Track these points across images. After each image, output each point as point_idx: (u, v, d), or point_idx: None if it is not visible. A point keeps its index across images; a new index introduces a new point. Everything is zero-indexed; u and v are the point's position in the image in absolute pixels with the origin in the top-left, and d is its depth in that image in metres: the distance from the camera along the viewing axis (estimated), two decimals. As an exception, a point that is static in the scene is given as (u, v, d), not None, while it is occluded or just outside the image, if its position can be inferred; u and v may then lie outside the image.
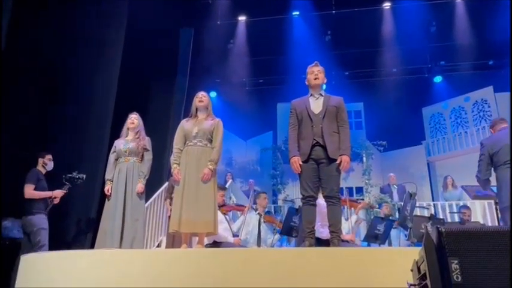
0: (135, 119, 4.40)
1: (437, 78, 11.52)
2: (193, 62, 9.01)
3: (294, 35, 10.60)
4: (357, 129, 11.33)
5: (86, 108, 5.81)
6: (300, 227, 4.33)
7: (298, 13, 10.57)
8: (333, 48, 10.52)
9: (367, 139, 10.86)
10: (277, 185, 10.62)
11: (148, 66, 7.91)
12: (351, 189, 10.43)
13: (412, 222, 4.53)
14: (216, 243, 4.44)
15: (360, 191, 10.39)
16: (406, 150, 11.04)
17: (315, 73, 3.68)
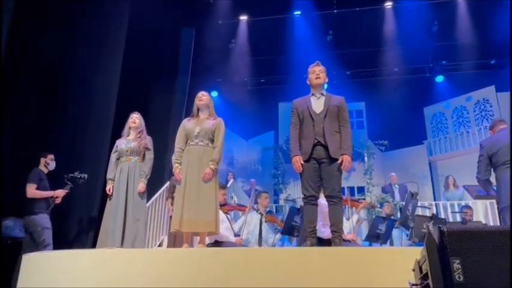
0: (137, 119, 4.41)
1: (439, 78, 11.49)
2: (195, 62, 9.01)
3: (295, 35, 10.59)
4: (358, 129, 11.32)
5: (87, 108, 5.82)
6: (302, 227, 4.34)
7: (299, 13, 10.56)
8: (334, 47, 10.51)
9: (369, 139, 10.85)
10: (278, 184, 10.62)
11: (150, 66, 7.92)
12: (352, 189, 10.41)
13: (413, 222, 4.51)
14: (217, 243, 4.43)
15: (362, 190, 10.38)
16: (408, 149, 11.02)
17: (317, 73, 3.68)
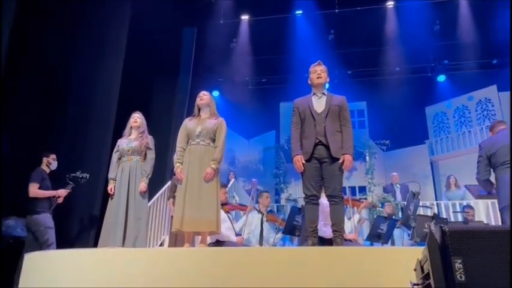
0: (138, 118, 4.41)
1: (441, 77, 11.48)
2: (196, 62, 9.02)
3: (296, 34, 10.59)
4: (359, 129, 11.31)
5: (88, 107, 5.83)
6: (303, 226, 4.33)
7: (301, 12, 10.56)
8: (336, 47, 10.51)
9: (370, 138, 10.84)
10: (280, 184, 10.62)
11: (151, 65, 7.92)
12: (353, 189, 10.40)
13: (415, 222, 4.50)
14: (218, 242, 4.43)
15: (363, 190, 10.37)
16: (409, 149, 10.99)
17: (318, 72, 3.68)
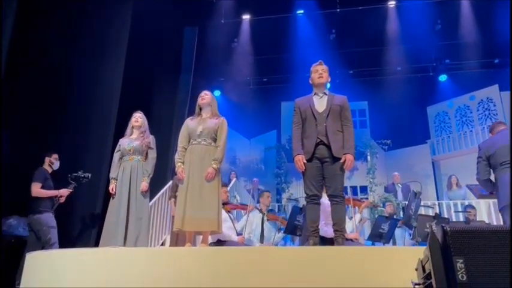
0: (140, 118, 4.41)
1: (442, 77, 11.45)
2: (197, 61, 9.02)
3: (298, 34, 10.58)
4: (361, 128, 11.29)
5: (90, 107, 5.83)
6: (304, 226, 4.33)
7: (302, 12, 10.55)
8: (337, 46, 10.50)
9: (372, 138, 10.82)
10: (281, 183, 10.62)
11: (152, 65, 7.93)
12: (355, 188, 10.40)
13: (416, 222, 4.51)
14: (220, 242, 4.43)
15: (364, 190, 10.36)
16: (411, 149, 10.97)
17: (319, 72, 3.67)
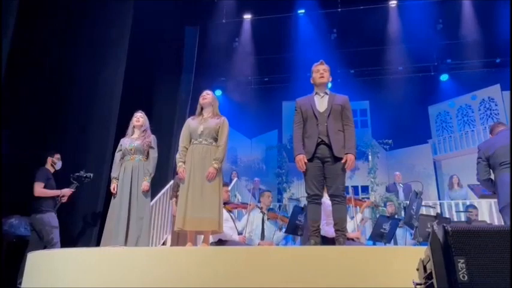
0: (141, 117, 4.41)
1: (444, 77, 11.44)
2: (199, 61, 9.02)
3: (299, 33, 10.58)
4: (362, 128, 11.30)
5: (91, 107, 5.83)
6: (305, 226, 4.33)
7: (303, 11, 10.55)
8: (338, 46, 10.49)
9: (373, 138, 10.83)
10: (282, 183, 10.63)
11: (154, 65, 7.93)
12: (356, 188, 10.40)
13: (418, 221, 4.50)
14: (221, 242, 4.43)
15: (366, 189, 10.36)
16: (412, 148, 10.98)
17: (320, 71, 3.67)
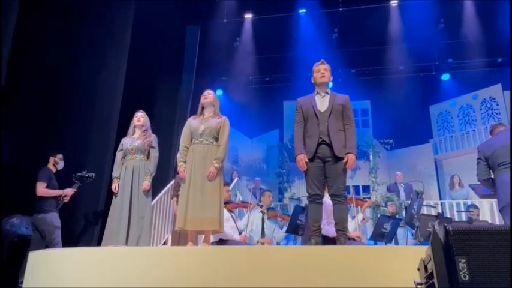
0: (142, 117, 4.41)
1: (445, 76, 11.42)
2: (200, 60, 9.03)
3: (300, 33, 10.59)
4: (363, 127, 11.29)
5: (92, 106, 5.84)
6: (306, 225, 4.33)
7: (304, 11, 10.55)
8: (339, 46, 10.49)
9: (374, 137, 10.82)
10: (283, 183, 10.62)
11: (155, 64, 7.94)
12: (357, 188, 10.40)
13: (419, 221, 4.50)
14: (222, 241, 4.44)
15: (367, 189, 10.35)
16: (413, 148, 10.96)
17: (321, 71, 3.67)
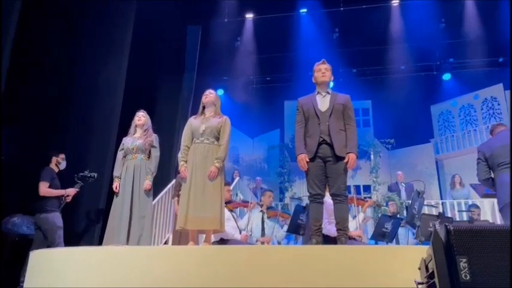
0: (143, 116, 4.42)
1: (446, 76, 11.40)
2: (201, 60, 9.02)
3: (301, 33, 10.58)
4: (364, 127, 11.27)
5: (93, 106, 5.85)
6: (307, 225, 4.33)
7: (305, 10, 10.55)
8: (340, 45, 10.48)
9: (375, 137, 10.80)
10: (284, 182, 10.62)
11: (156, 64, 7.94)
12: (358, 187, 10.39)
13: (420, 221, 4.50)
14: (223, 241, 4.44)
15: (368, 189, 10.34)
16: (414, 148, 10.95)
17: (322, 71, 3.67)
